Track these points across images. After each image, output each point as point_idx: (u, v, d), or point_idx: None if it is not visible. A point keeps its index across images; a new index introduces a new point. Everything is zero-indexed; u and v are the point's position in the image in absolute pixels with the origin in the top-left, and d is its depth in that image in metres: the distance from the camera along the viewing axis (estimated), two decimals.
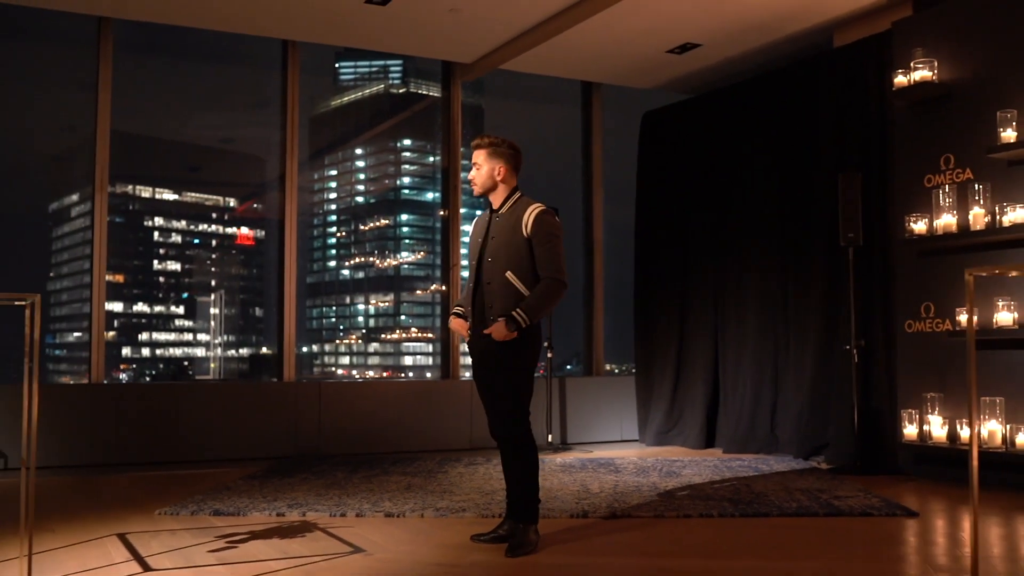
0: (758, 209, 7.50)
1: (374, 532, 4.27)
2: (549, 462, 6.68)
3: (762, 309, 7.41)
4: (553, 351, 7.71)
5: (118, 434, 6.80)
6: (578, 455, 7.26)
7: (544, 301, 3.85)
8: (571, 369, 10.25)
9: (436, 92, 8.96)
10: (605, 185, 9.02)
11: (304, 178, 7.76)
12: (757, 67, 7.95)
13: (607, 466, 6.52)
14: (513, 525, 3.94)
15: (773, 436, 7.23)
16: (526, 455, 3.92)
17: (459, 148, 8.57)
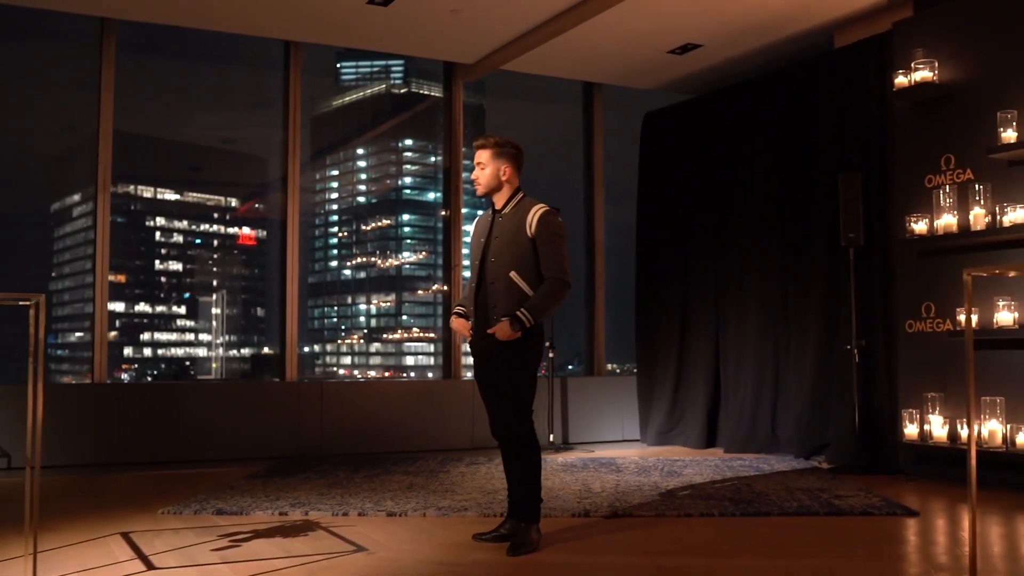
0: (759, 209, 7.52)
1: (376, 531, 4.29)
2: (551, 461, 6.69)
3: (763, 309, 7.42)
4: (555, 351, 7.73)
5: (121, 434, 6.82)
6: (580, 455, 7.28)
7: (548, 301, 3.87)
8: (573, 369, 10.27)
9: (438, 92, 8.98)
10: (606, 185, 9.04)
11: (305, 178, 7.77)
12: (758, 68, 7.96)
13: (608, 465, 6.53)
14: (515, 524, 3.96)
15: (774, 436, 7.24)
16: (529, 455, 3.93)
17: (460, 148, 8.59)
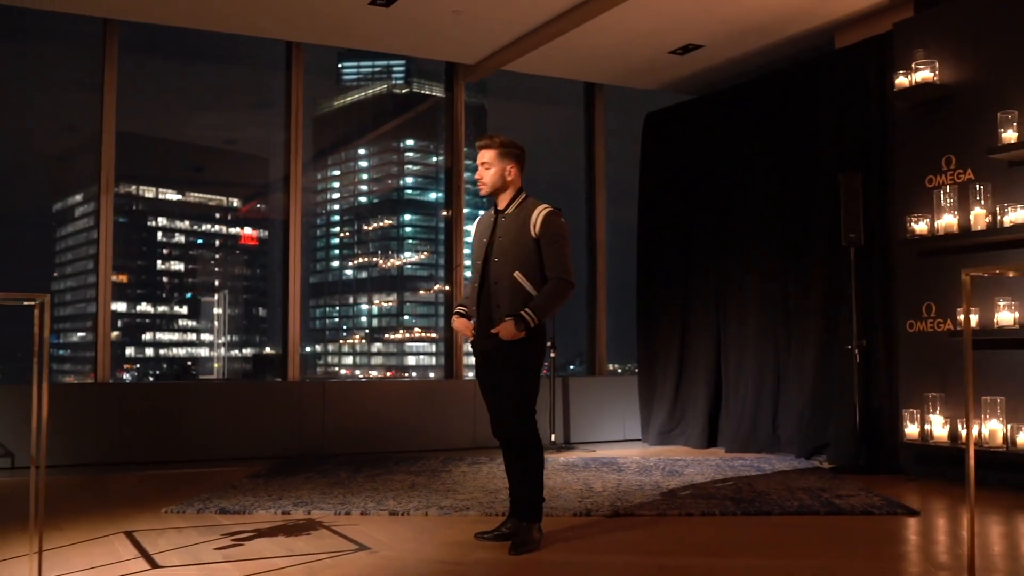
0: (759, 209, 7.53)
1: (379, 530, 4.31)
2: (552, 461, 6.71)
3: (763, 309, 7.44)
4: (556, 351, 7.75)
5: (123, 433, 6.84)
6: (581, 454, 7.30)
7: (552, 301, 3.89)
8: (574, 369, 10.29)
9: (439, 92, 9.02)
10: (607, 186, 9.06)
11: (307, 178, 7.79)
12: (759, 68, 7.98)
13: (610, 465, 6.55)
14: (516, 523, 3.97)
15: (775, 436, 7.26)
16: (532, 454, 3.95)
17: (462, 148, 8.61)
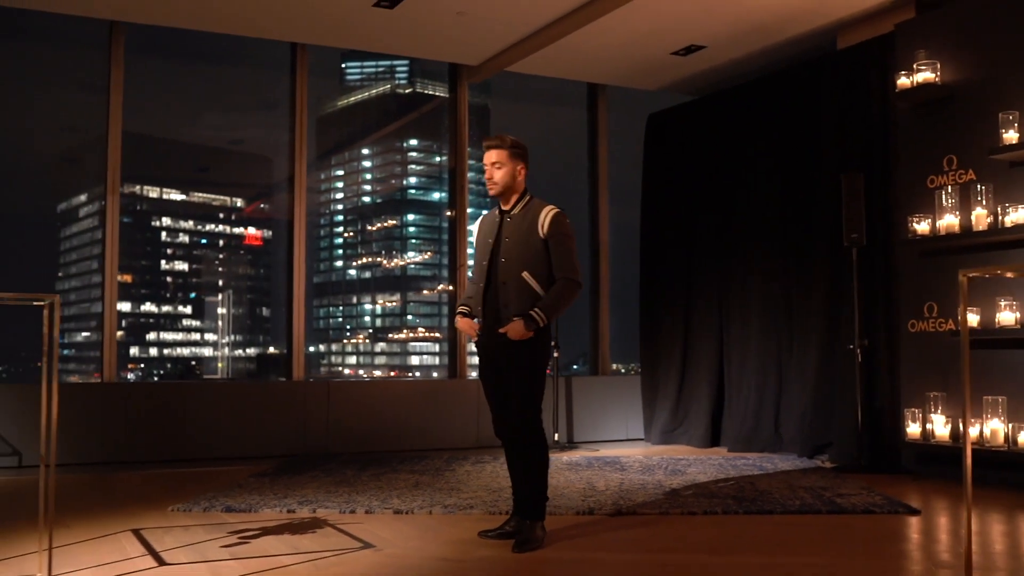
0: (762, 210, 7.56)
1: (383, 528, 4.34)
2: (556, 460, 6.74)
3: (766, 309, 7.46)
4: (560, 351, 7.78)
5: (129, 433, 6.88)
6: (584, 453, 7.33)
7: (561, 301, 3.93)
8: (578, 369, 10.33)
9: (442, 92, 9.08)
10: (610, 186, 9.08)
11: (311, 178, 7.83)
12: (761, 69, 8.00)
13: (613, 464, 6.58)
14: (520, 522, 4.00)
15: (777, 435, 7.28)
16: (537, 453, 3.98)
17: (466, 149, 8.64)
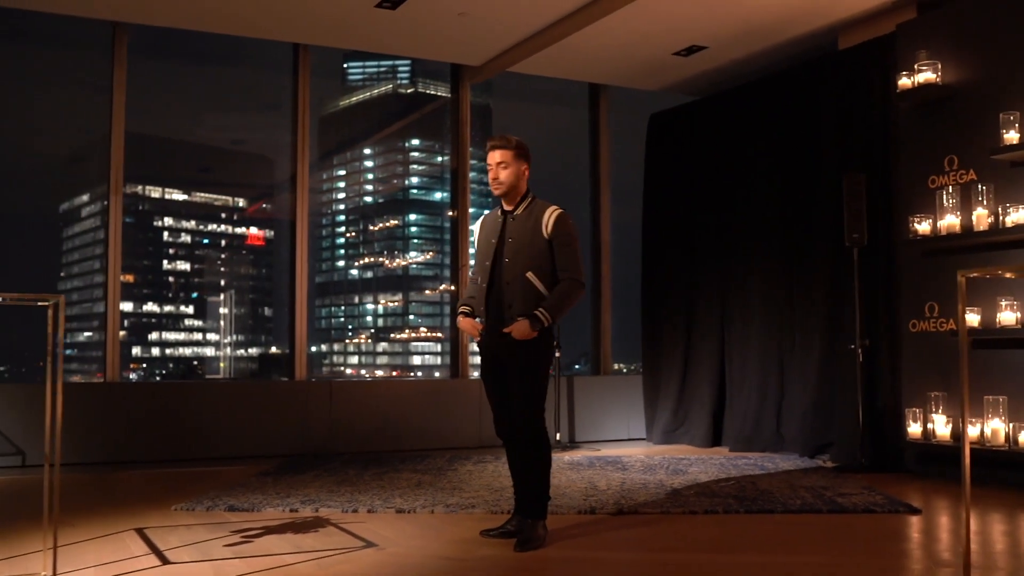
0: (763, 210, 7.57)
1: (385, 527, 4.36)
2: (557, 460, 6.75)
3: (767, 309, 7.48)
4: (561, 350, 7.79)
5: (132, 432, 6.90)
6: (586, 453, 7.34)
7: (565, 301, 3.95)
8: (579, 368, 10.35)
9: (444, 92, 9.10)
10: (612, 186, 9.09)
11: (313, 179, 7.84)
12: (763, 69, 8.01)
13: (614, 464, 6.59)
14: (521, 521, 4.02)
15: (779, 435, 7.30)
16: (540, 452, 3.99)
17: (468, 149, 8.66)
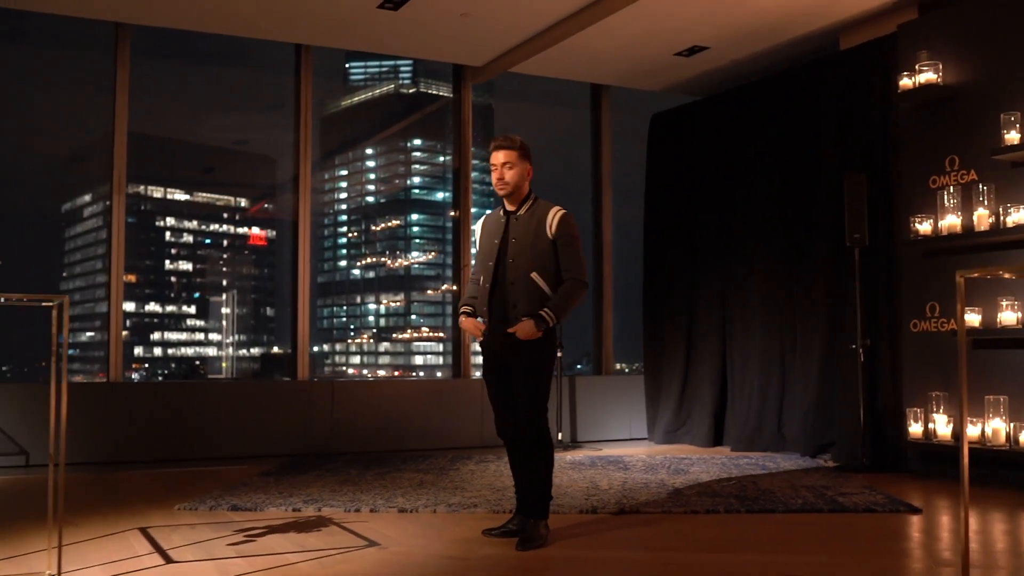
0: (764, 210, 7.58)
1: (388, 527, 4.38)
2: (559, 459, 6.76)
3: (768, 310, 7.49)
4: (563, 350, 7.80)
5: (135, 432, 6.92)
6: (588, 453, 7.36)
7: (569, 301, 3.98)
8: (581, 368, 10.35)
9: (446, 91, 9.10)
10: (613, 186, 9.11)
11: (315, 178, 7.85)
12: (764, 69, 8.02)
13: (616, 463, 6.61)
14: (523, 520, 4.03)
15: (780, 434, 7.31)
16: (543, 452, 4.01)
17: (470, 149, 8.67)
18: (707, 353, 8.02)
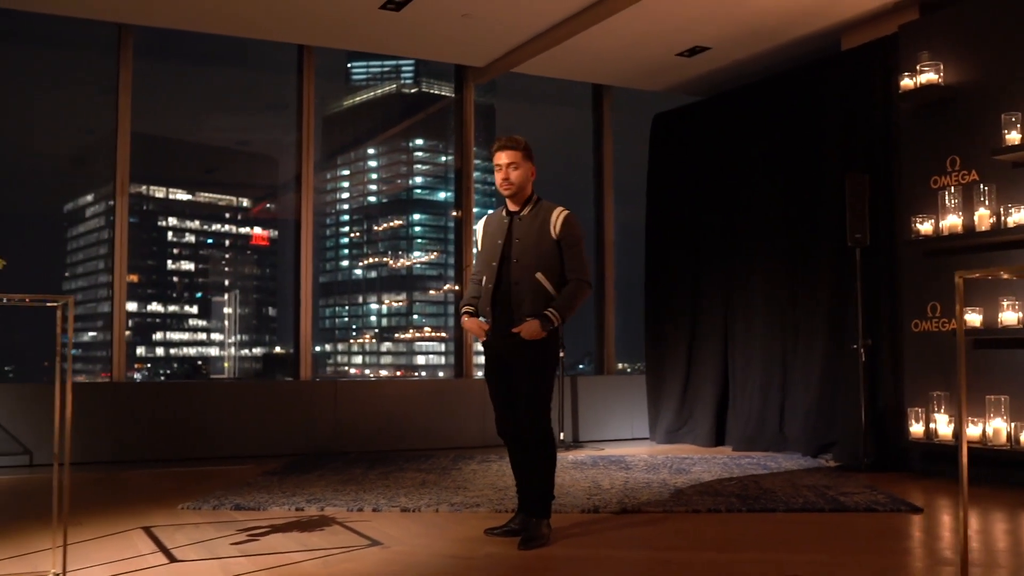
0: (766, 210, 7.59)
1: (390, 526, 4.39)
2: (561, 459, 6.77)
3: (770, 309, 7.50)
4: (565, 350, 7.81)
5: (138, 432, 6.94)
6: (590, 452, 7.37)
7: (574, 301, 4.00)
8: (583, 368, 10.36)
9: (448, 92, 9.08)
10: (615, 186, 9.12)
11: (317, 178, 7.88)
12: (766, 70, 8.03)
13: (618, 463, 6.62)
14: (525, 519, 4.05)
15: (781, 434, 7.32)
16: (546, 451, 4.02)
17: (472, 150, 8.69)
18: (709, 353, 8.03)
